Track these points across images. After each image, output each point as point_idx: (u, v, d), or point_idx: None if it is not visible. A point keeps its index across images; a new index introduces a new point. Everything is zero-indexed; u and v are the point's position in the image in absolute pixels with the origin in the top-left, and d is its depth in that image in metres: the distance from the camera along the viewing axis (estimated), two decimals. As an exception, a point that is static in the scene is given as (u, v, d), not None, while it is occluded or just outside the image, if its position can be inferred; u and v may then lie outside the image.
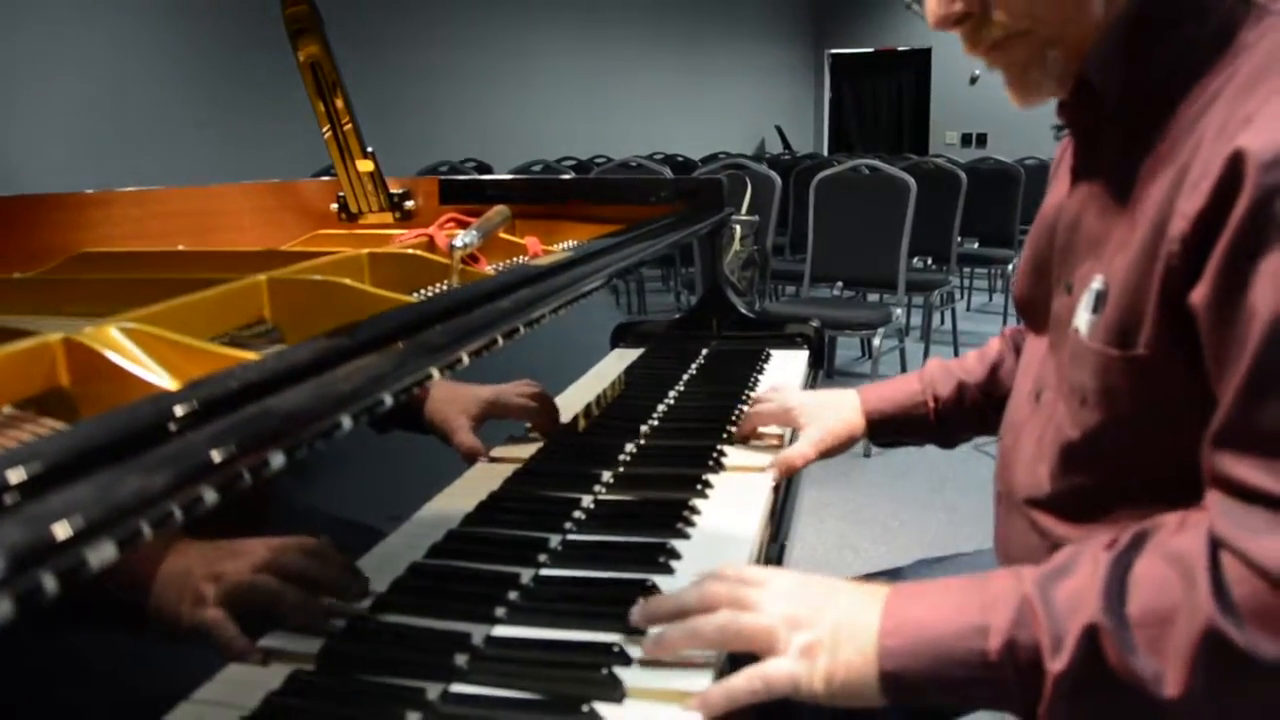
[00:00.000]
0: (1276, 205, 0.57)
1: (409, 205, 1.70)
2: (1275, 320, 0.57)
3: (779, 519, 0.98)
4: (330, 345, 0.59)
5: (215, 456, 0.42)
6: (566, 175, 5.35)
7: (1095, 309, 0.71)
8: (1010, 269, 5.44)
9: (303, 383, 0.53)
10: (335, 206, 1.72)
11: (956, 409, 1.07)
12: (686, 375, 1.41)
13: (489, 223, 1.30)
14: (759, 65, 10.69)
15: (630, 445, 1.10)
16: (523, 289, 0.85)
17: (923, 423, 1.08)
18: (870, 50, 11.53)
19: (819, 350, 1.61)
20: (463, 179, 1.79)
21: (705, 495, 0.95)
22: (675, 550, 0.81)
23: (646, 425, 1.17)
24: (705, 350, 1.56)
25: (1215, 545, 0.58)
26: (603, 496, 0.96)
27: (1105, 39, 0.71)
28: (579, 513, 0.91)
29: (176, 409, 0.43)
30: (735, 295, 1.67)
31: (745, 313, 1.64)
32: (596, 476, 0.99)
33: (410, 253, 1.19)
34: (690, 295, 1.72)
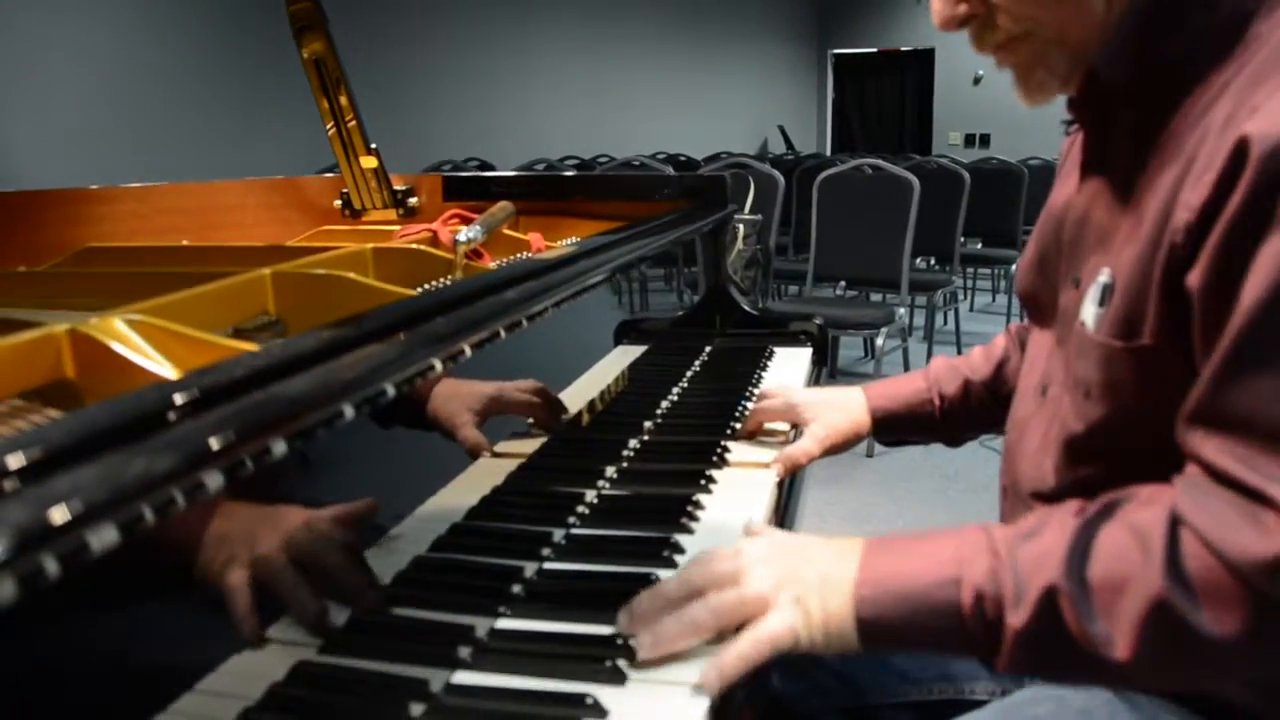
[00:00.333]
0: (1277, 193, 0.57)
1: (412, 202, 1.70)
2: (1260, 306, 0.57)
3: (783, 514, 0.97)
4: (332, 335, 0.59)
5: (215, 443, 0.41)
6: (570, 174, 5.35)
7: (1102, 302, 0.72)
8: (1014, 269, 5.43)
9: (305, 372, 0.53)
10: (339, 203, 1.72)
11: (962, 407, 1.07)
12: (690, 372, 1.41)
13: (492, 218, 1.30)
14: (761, 65, 10.69)
15: (634, 441, 1.10)
16: (525, 282, 0.85)
17: (929, 421, 1.08)
18: (873, 50, 11.52)
19: (822, 348, 1.61)
20: (466, 175, 1.79)
21: (709, 490, 0.94)
22: (679, 544, 0.81)
23: (650, 421, 1.17)
24: (709, 347, 1.56)
25: (1175, 521, 0.60)
26: (606, 491, 0.96)
27: (1116, 32, 0.71)
28: (582, 507, 0.91)
29: (177, 396, 0.43)
30: (738, 294, 1.67)
31: (748, 310, 1.64)
32: (600, 471, 0.99)
33: (414, 248, 1.19)
34: (693, 295, 1.72)
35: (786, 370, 1.46)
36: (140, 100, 4.81)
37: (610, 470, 1.00)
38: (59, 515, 0.33)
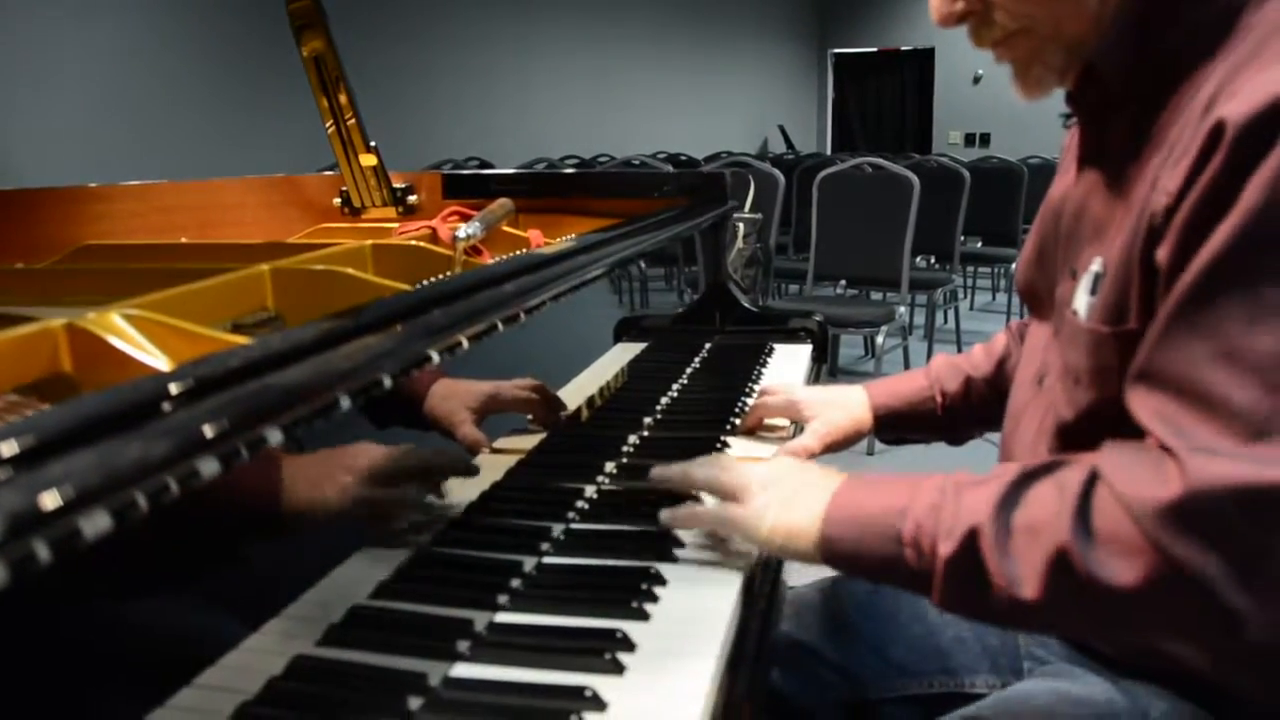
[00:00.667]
0: (1247, 174, 0.58)
1: (412, 200, 1.70)
2: (1203, 273, 0.60)
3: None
4: (329, 327, 0.59)
5: (209, 430, 0.41)
6: (569, 171, 5.35)
7: (1094, 291, 0.72)
8: (1013, 268, 5.43)
9: (301, 362, 0.53)
10: (338, 201, 1.72)
11: (964, 404, 1.07)
12: (689, 369, 1.41)
13: (492, 215, 1.30)
14: (761, 65, 10.69)
15: (633, 437, 1.10)
16: (523, 276, 0.85)
17: (931, 418, 1.07)
18: (873, 50, 11.52)
19: (822, 344, 1.61)
20: (465, 173, 1.79)
21: (708, 485, 0.94)
22: (678, 539, 0.81)
23: (650, 417, 1.17)
24: (708, 345, 1.55)
25: (1094, 475, 0.64)
26: (606, 486, 0.96)
27: (1112, 27, 0.71)
28: (582, 502, 0.90)
29: (173, 385, 0.43)
30: (738, 291, 1.67)
31: (748, 307, 1.64)
32: (600, 467, 0.99)
33: (413, 244, 1.19)
34: (693, 294, 1.71)
35: (787, 367, 1.46)
36: (140, 99, 4.81)
37: (610, 466, 1.00)
38: (50, 500, 0.33)
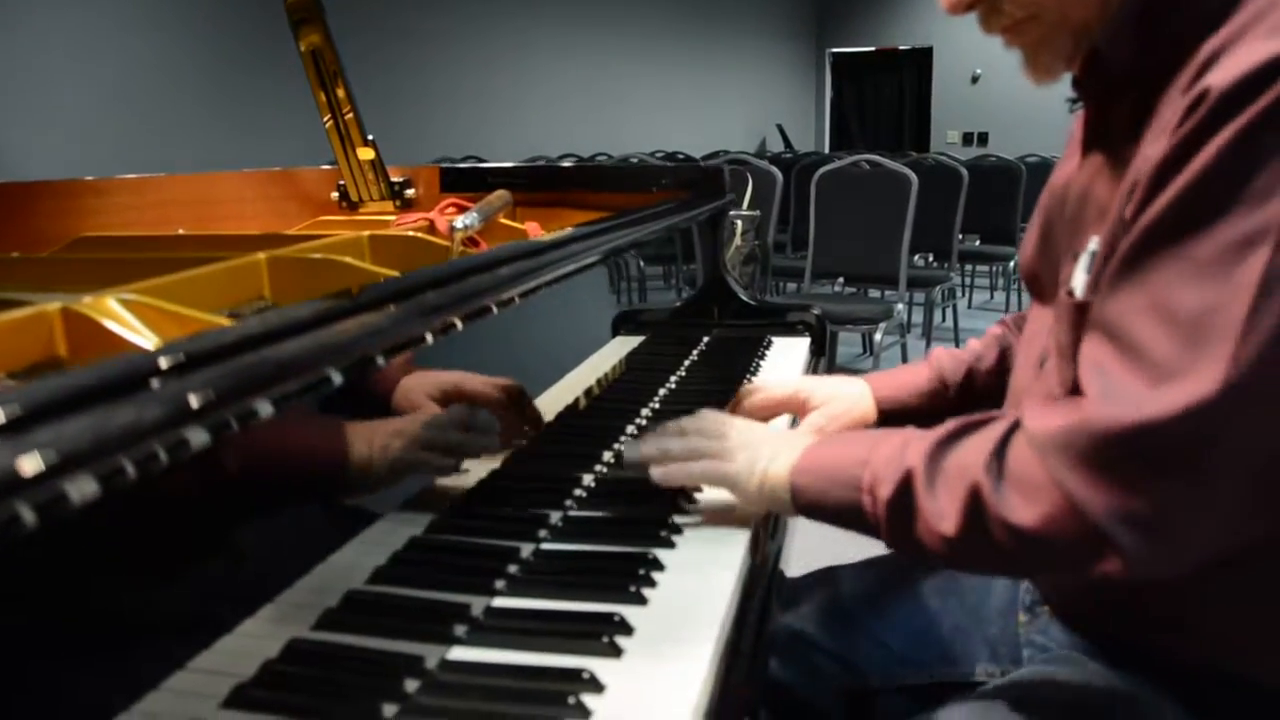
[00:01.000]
0: (1211, 136, 0.59)
1: (409, 193, 1.69)
2: (1150, 225, 0.62)
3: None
4: (324, 306, 0.59)
5: (195, 400, 0.41)
6: (567, 165, 5.35)
7: (1089, 269, 0.72)
8: (1012, 266, 5.43)
9: (294, 338, 0.52)
10: (336, 195, 1.72)
11: (969, 396, 1.05)
12: (687, 361, 1.41)
13: (490, 206, 1.30)
14: (760, 63, 10.68)
15: (631, 427, 1.10)
16: (518, 260, 0.85)
17: (934, 411, 1.06)
18: (871, 49, 11.52)
19: (821, 338, 1.60)
20: (463, 167, 1.79)
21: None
22: (676, 525, 0.81)
23: (647, 408, 1.17)
24: (706, 338, 1.55)
25: (1017, 422, 0.67)
26: (604, 475, 0.95)
27: (1119, 11, 0.72)
28: (580, 490, 0.90)
29: (163, 360, 0.43)
30: (736, 286, 1.67)
31: (746, 300, 1.64)
32: (598, 456, 0.99)
33: (410, 234, 1.19)
34: (692, 292, 1.71)
35: (785, 360, 1.46)
36: (139, 95, 4.81)
37: (607, 455, 1.00)
38: (30, 465, 0.33)
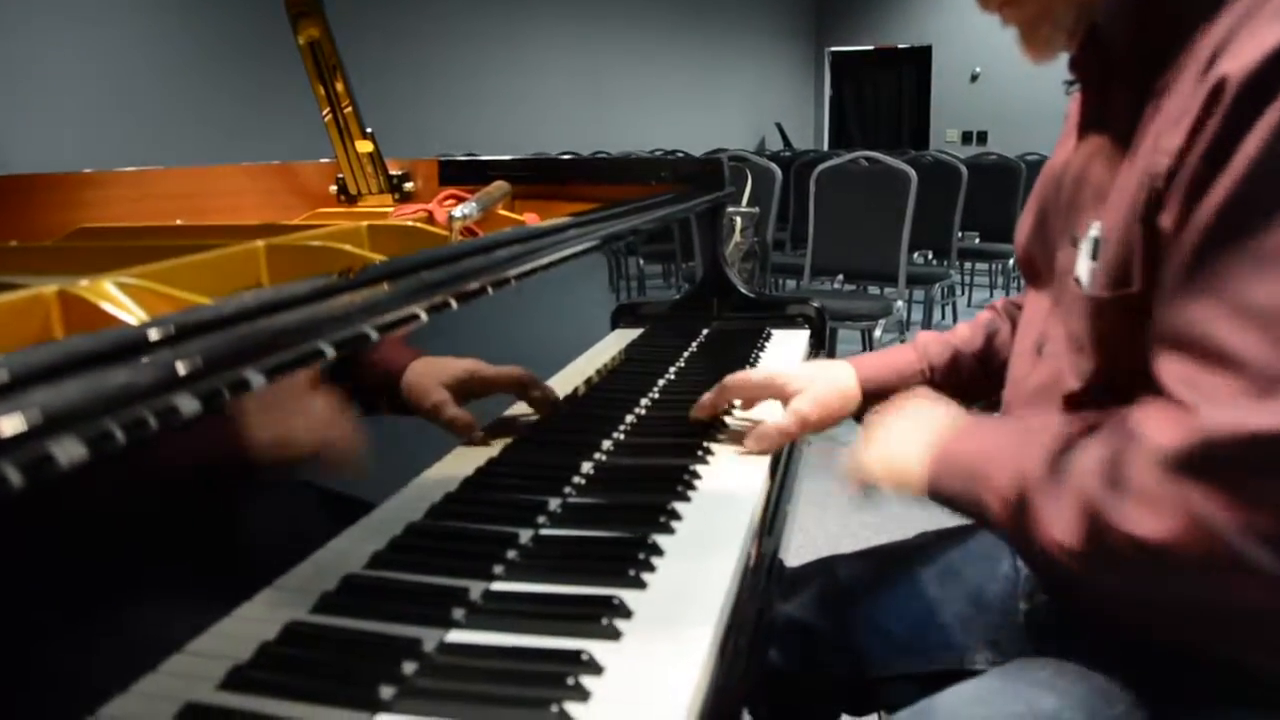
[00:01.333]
0: (1246, 129, 0.58)
1: (408, 186, 1.69)
2: (1206, 232, 0.60)
3: (782, 482, 0.97)
4: (320, 283, 0.58)
5: (181, 368, 0.41)
6: (566, 157, 5.35)
7: (1094, 256, 0.72)
8: (1011, 264, 5.43)
9: (284, 312, 0.52)
10: (334, 188, 1.71)
11: (953, 379, 1.04)
12: (687, 353, 1.40)
13: (489, 196, 1.29)
14: (759, 62, 10.68)
15: (630, 416, 1.09)
16: (514, 244, 0.85)
17: None
18: (870, 48, 11.52)
19: (820, 331, 1.60)
20: (462, 160, 1.79)
21: (706, 461, 0.94)
22: (676, 511, 0.80)
23: (646, 398, 1.17)
24: (706, 330, 1.55)
25: (1131, 431, 0.65)
26: (603, 462, 0.95)
27: None
28: (579, 478, 0.90)
29: (153, 331, 0.42)
30: (736, 279, 1.67)
31: (746, 293, 1.64)
32: (597, 444, 0.98)
33: (409, 224, 1.18)
34: (691, 287, 1.71)
35: (784, 351, 1.46)
36: (139, 89, 4.81)
37: (606, 444, 1.00)
38: (10, 426, 0.33)
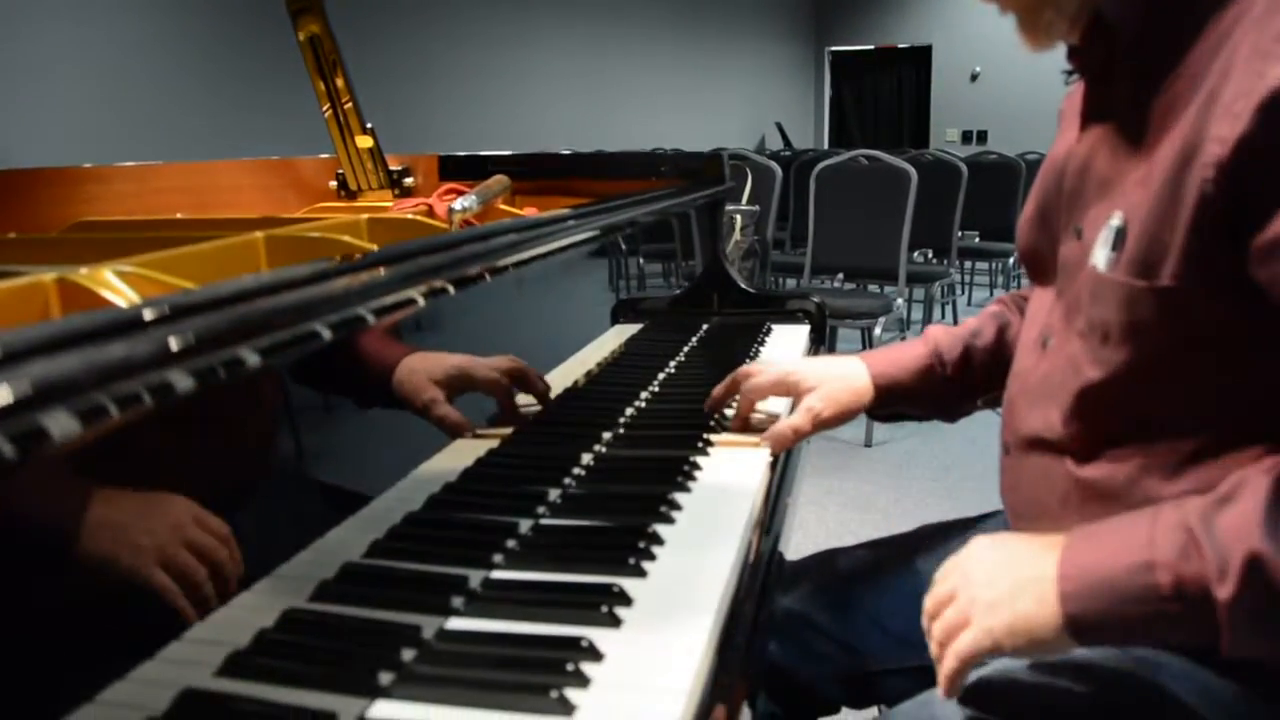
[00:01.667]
0: None
1: (408, 182, 1.69)
2: None
3: (782, 474, 0.97)
4: (313, 268, 0.58)
5: (175, 344, 0.41)
6: (565, 152, 5.35)
7: (1115, 245, 0.70)
8: (1012, 263, 5.43)
9: (281, 293, 0.52)
10: (334, 184, 1.71)
11: (966, 374, 1.02)
12: (687, 347, 1.40)
13: (489, 190, 1.29)
14: (759, 62, 10.68)
15: (630, 409, 1.09)
16: (511, 233, 0.84)
17: (932, 389, 1.03)
18: (870, 48, 11.51)
19: (820, 326, 1.60)
20: (462, 155, 1.79)
21: (706, 453, 0.94)
22: (676, 501, 0.80)
23: (647, 391, 1.16)
24: (705, 325, 1.55)
25: None
26: (603, 453, 0.95)
27: None
28: (579, 469, 0.90)
29: (148, 311, 0.42)
30: (736, 274, 1.66)
31: (746, 288, 1.63)
32: (597, 436, 0.98)
33: (409, 218, 1.18)
34: (689, 284, 1.71)
35: (784, 346, 1.45)
36: (138, 84, 4.80)
37: (607, 435, 1.00)
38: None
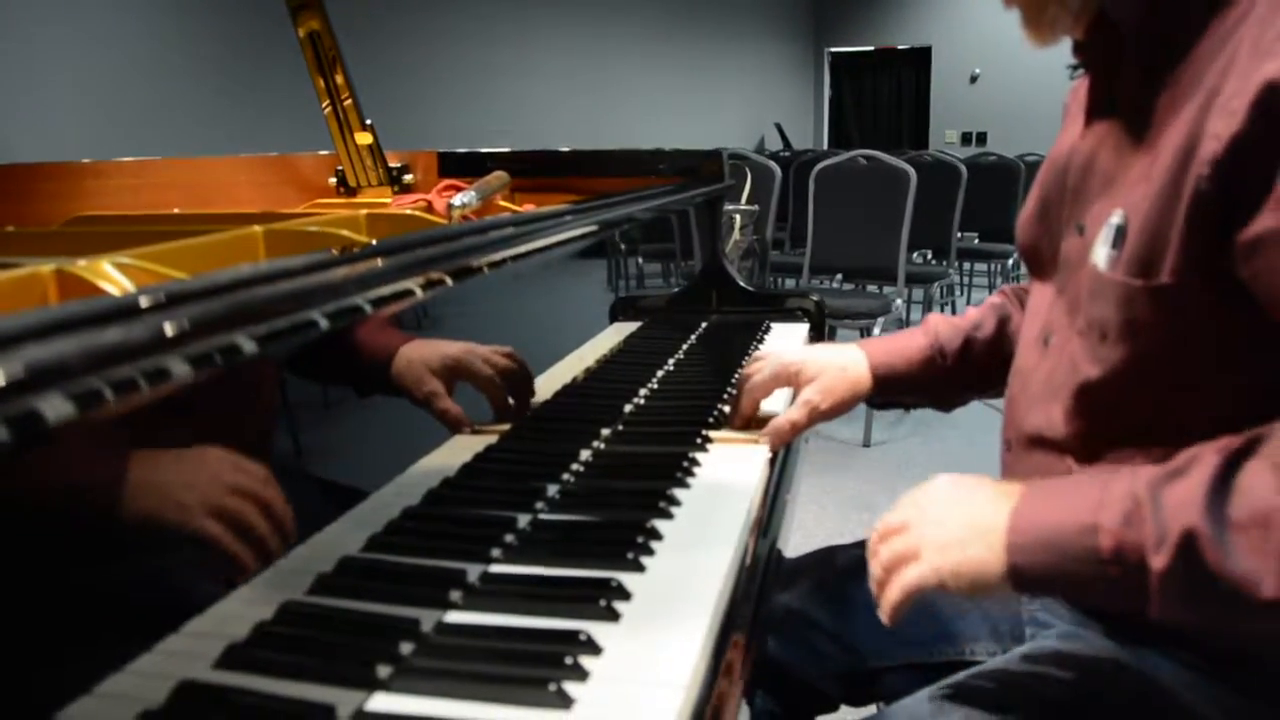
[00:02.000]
0: None
1: (408, 179, 1.68)
2: None
3: (781, 471, 0.96)
4: (311, 258, 0.58)
5: (169, 329, 0.41)
6: (565, 149, 5.35)
7: (1115, 243, 0.70)
8: (1011, 263, 5.43)
9: (275, 283, 0.52)
10: (334, 180, 1.71)
11: (966, 365, 1.02)
12: (686, 345, 1.40)
13: (488, 186, 1.29)
14: (759, 63, 10.68)
15: (629, 406, 1.09)
16: (509, 227, 0.84)
17: (929, 378, 1.02)
18: (870, 49, 11.51)
19: (820, 324, 1.60)
20: (461, 152, 1.79)
21: (706, 449, 0.93)
22: (674, 497, 0.80)
23: (646, 388, 1.16)
24: (704, 323, 1.55)
25: None
26: (602, 449, 0.95)
27: None
28: (577, 464, 0.90)
29: (144, 298, 0.42)
30: (735, 272, 1.66)
31: (745, 286, 1.63)
32: (596, 432, 0.98)
33: (408, 213, 1.18)
34: (688, 282, 1.71)
35: (783, 343, 1.45)
36: (137, 80, 4.79)
37: (605, 431, 0.99)
38: None
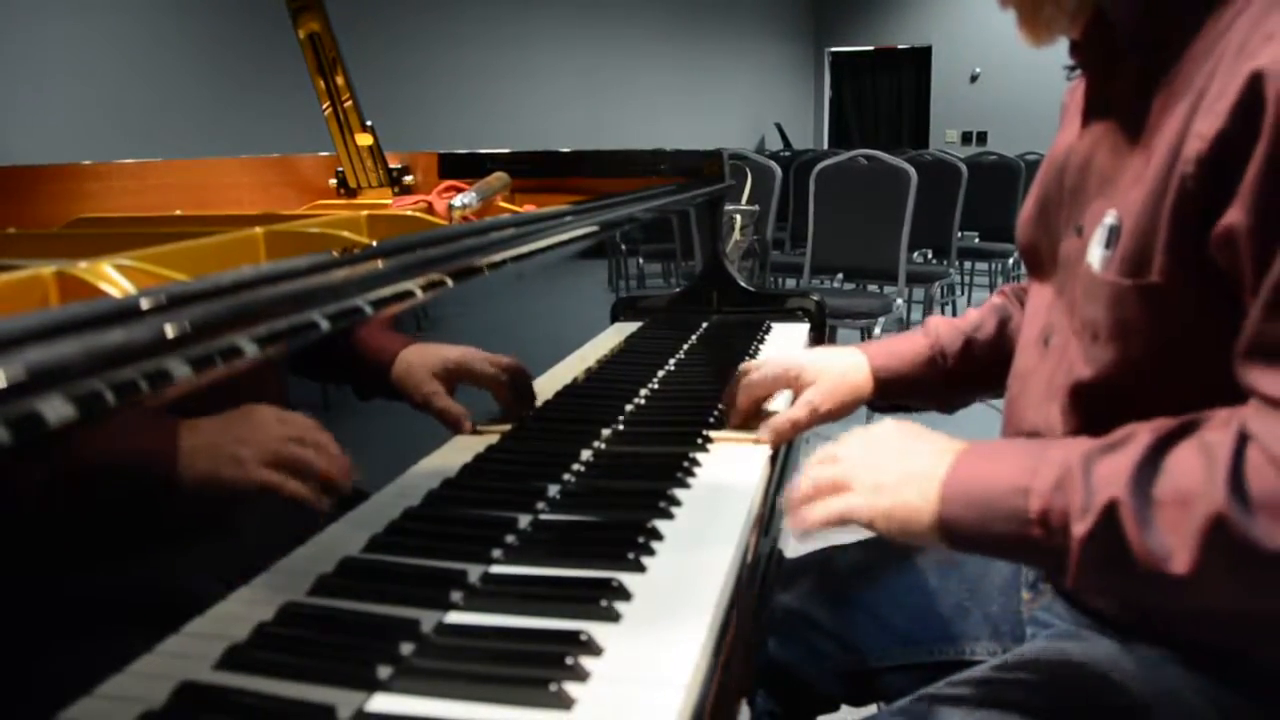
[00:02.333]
0: None
1: (408, 180, 1.68)
2: None
3: (782, 471, 0.97)
4: (312, 260, 0.58)
5: (171, 331, 0.41)
6: (565, 150, 5.35)
7: (1109, 244, 0.70)
8: (1011, 263, 5.42)
9: (276, 284, 0.52)
10: (334, 182, 1.71)
11: (966, 367, 1.02)
12: (686, 345, 1.40)
13: (488, 187, 1.29)
14: (759, 63, 10.68)
15: (629, 406, 1.09)
16: (510, 228, 0.84)
17: (931, 381, 1.02)
18: (870, 48, 11.51)
19: (820, 324, 1.60)
20: (462, 153, 1.79)
21: (706, 449, 0.93)
22: (675, 497, 0.80)
23: (646, 388, 1.16)
24: (705, 323, 1.55)
25: (1243, 438, 0.59)
26: (602, 449, 0.95)
27: None
28: (578, 465, 0.90)
29: (144, 300, 0.42)
30: (735, 273, 1.66)
31: (746, 286, 1.63)
32: (596, 432, 0.98)
33: (409, 214, 1.18)
34: (688, 282, 1.71)
35: (784, 344, 1.45)
36: (137, 82, 4.80)
37: (606, 432, 0.99)
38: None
